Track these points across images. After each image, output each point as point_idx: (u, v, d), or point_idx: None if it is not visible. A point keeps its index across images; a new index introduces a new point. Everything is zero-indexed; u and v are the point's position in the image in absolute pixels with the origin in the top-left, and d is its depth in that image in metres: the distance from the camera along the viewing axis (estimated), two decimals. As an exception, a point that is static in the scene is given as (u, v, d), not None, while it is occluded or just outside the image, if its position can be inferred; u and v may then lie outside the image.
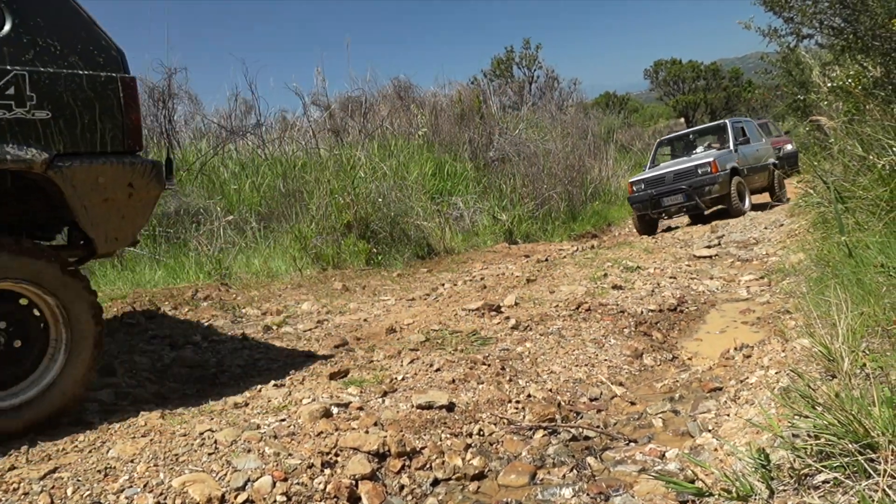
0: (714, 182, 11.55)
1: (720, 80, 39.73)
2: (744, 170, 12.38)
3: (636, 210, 12.34)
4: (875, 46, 4.74)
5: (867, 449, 1.70)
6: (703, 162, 11.79)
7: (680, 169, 12.02)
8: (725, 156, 12.17)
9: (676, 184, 11.88)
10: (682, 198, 11.77)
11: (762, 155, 13.69)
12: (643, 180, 12.30)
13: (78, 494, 2.16)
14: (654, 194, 11.99)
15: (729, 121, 13.55)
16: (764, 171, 13.47)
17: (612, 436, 2.89)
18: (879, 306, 2.72)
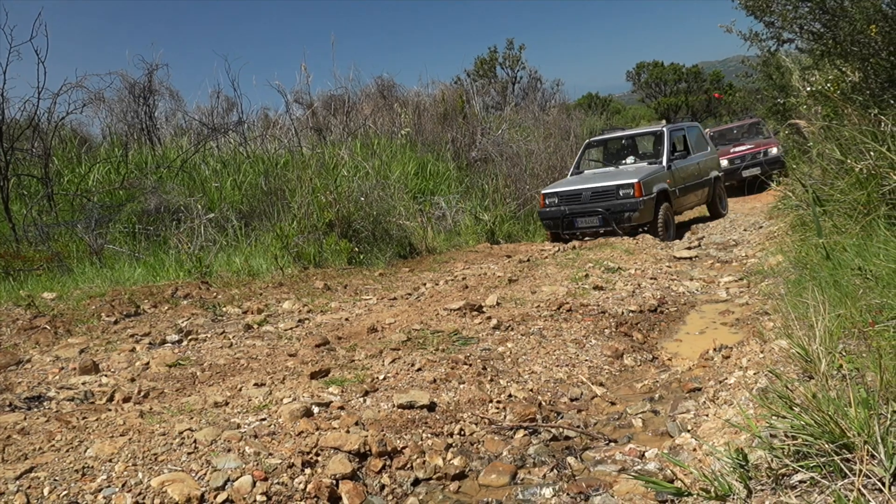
0: (635, 208, 9.77)
1: (701, 83, 40.08)
2: (676, 190, 10.67)
3: (546, 227, 10.67)
4: (854, 52, 4.80)
5: (843, 449, 1.72)
6: (626, 183, 9.96)
7: (598, 188, 10.19)
8: (654, 175, 10.30)
9: (593, 204, 10.14)
10: (597, 221, 10.09)
11: (703, 168, 12.04)
12: (557, 194, 10.47)
13: (55, 494, 2.14)
14: (566, 213, 10.23)
15: (667, 128, 11.57)
16: (703, 188, 11.86)
17: (593, 436, 2.91)
18: (856, 308, 2.76)
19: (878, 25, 4.40)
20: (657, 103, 40.13)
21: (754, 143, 16.54)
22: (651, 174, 10.19)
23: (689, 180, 11.34)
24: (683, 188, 11.03)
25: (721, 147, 16.89)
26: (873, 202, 4.05)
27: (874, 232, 3.65)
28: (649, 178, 10.05)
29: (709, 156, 12.56)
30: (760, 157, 15.76)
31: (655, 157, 11.17)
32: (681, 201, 10.98)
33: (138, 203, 8.77)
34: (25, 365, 3.88)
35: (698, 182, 11.69)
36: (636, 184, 9.74)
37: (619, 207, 9.87)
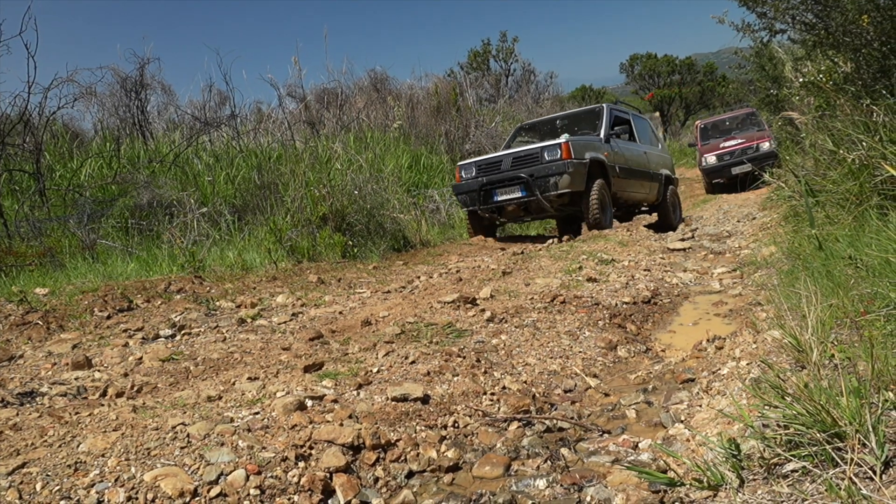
0: (562, 171, 8.44)
1: (695, 75, 40.14)
2: (616, 168, 9.46)
3: (462, 204, 9.40)
4: (846, 42, 4.80)
5: (835, 438, 1.72)
6: (552, 143, 8.67)
7: (521, 152, 8.96)
8: (587, 142, 9.11)
9: (514, 170, 8.82)
10: (519, 191, 8.78)
11: (652, 161, 10.89)
12: (475, 164, 9.28)
13: (47, 489, 2.13)
14: (483, 184, 8.94)
15: (607, 106, 10.39)
16: (650, 182, 10.67)
17: (586, 427, 2.91)
18: (848, 298, 2.76)
19: (869, 16, 4.41)
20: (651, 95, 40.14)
21: (745, 136, 15.63)
22: (583, 140, 9.02)
23: (632, 164, 10.10)
24: (625, 170, 9.75)
25: (712, 141, 16.19)
26: (865, 192, 4.06)
27: (866, 222, 3.66)
28: (581, 142, 8.87)
29: (660, 153, 11.51)
30: (751, 153, 14.88)
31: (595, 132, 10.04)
32: (622, 184, 9.60)
33: (131, 198, 8.74)
34: (18, 360, 3.87)
35: (644, 172, 10.49)
36: (563, 144, 8.52)
37: (544, 171, 8.53)
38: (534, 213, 9.16)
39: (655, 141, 11.77)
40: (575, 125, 10.71)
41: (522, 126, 11.50)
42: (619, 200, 9.77)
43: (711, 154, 15.64)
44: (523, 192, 8.71)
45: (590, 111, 10.72)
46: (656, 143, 11.73)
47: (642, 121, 11.59)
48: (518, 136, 11.24)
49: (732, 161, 15.20)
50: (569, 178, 8.45)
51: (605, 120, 9.88)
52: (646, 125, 11.65)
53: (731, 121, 17.22)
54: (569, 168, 8.43)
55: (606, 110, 10.11)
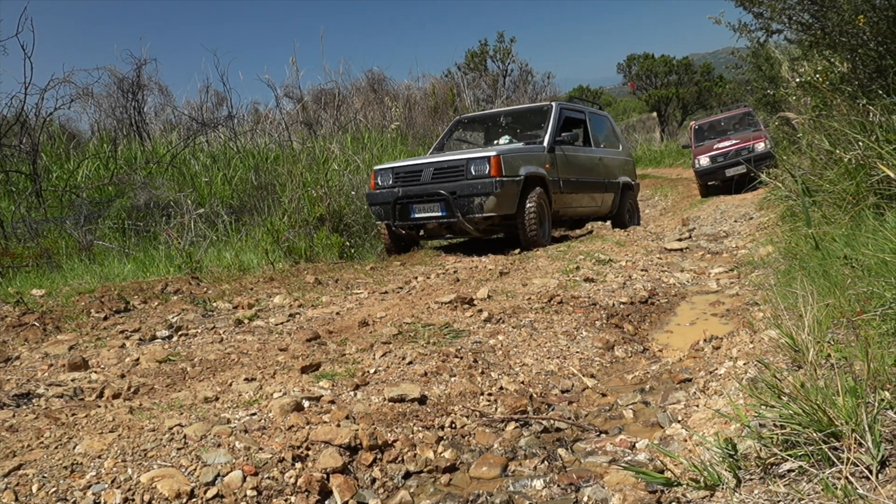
0: (488, 192, 7.21)
1: (692, 75, 40.19)
2: (559, 182, 8.28)
3: (376, 216, 8.06)
4: (842, 42, 4.81)
5: (831, 438, 1.73)
6: (479, 156, 7.40)
7: (444, 163, 7.62)
8: (524, 154, 7.86)
9: (435, 185, 7.51)
10: (439, 210, 7.48)
11: (608, 168, 9.67)
12: (392, 171, 7.90)
13: (43, 491, 2.13)
14: (400, 196, 7.62)
15: (557, 105, 9.01)
16: (604, 193, 9.49)
17: (584, 427, 2.91)
18: (844, 298, 2.77)
19: (866, 16, 4.41)
20: (648, 95, 40.22)
21: (740, 137, 15.05)
22: (519, 152, 7.79)
23: (582, 175, 8.86)
24: (572, 183, 8.56)
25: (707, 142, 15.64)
26: (862, 192, 4.07)
27: (863, 222, 3.67)
28: (515, 155, 7.63)
29: (619, 156, 10.23)
30: (746, 154, 14.24)
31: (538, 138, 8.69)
32: (566, 200, 8.45)
33: (127, 199, 8.73)
34: (14, 362, 3.86)
35: (596, 182, 9.23)
36: (493, 158, 7.20)
37: (468, 190, 7.25)
38: (458, 234, 7.95)
39: (615, 141, 10.46)
40: (520, 125, 9.60)
41: (462, 119, 10.04)
42: (562, 217, 8.73)
43: (705, 155, 15.02)
44: (443, 211, 7.39)
45: (537, 110, 9.30)
46: (616, 144, 10.42)
47: (601, 119, 10.26)
48: (456, 132, 9.99)
49: (726, 162, 14.61)
50: (495, 201, 7.19)
51: (552, 123, 8.51)
52: (604, 124, 10.33)
53: (726, 121, 16.56)
54: (497, 188, 7.16)
55: (555, 111, 8.69)
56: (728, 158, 14.58)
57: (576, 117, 9.44)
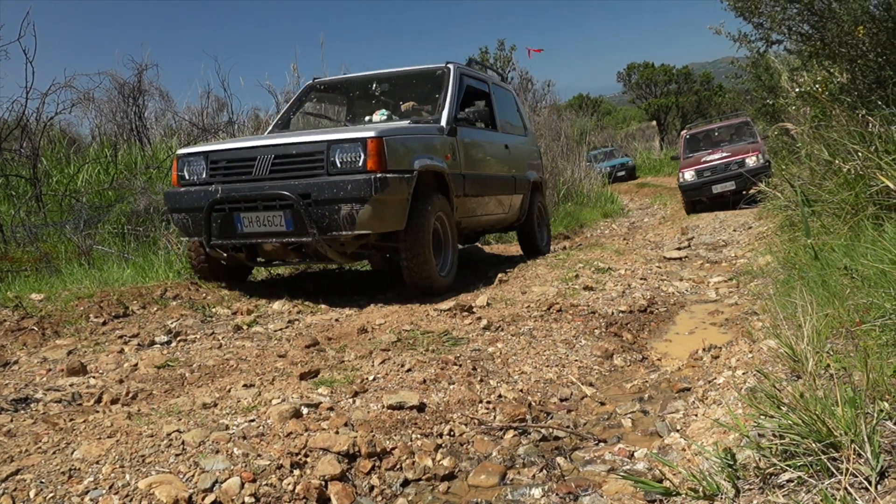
0: (363, 197, 4.69)
1: (692, 84, 40.34)
2: (464, 179, 5.87)
3: (180, 229, 5.42)
4: (842, 53, 4.83)
5: (830, 448, 1.73)
6: (347, 138, 4.87)
7: (290, 146, 5.01)
8: (419, 136, 5.44)
9: (275, 181, 4.90)
10: (282, 222, 4.86)
11: (516, 159, 7.30)
12: (206, 156, 5.22)
13: (41, 497, 2.12)
14: (218, 200, 4.97)
15: (455, 67, 6.32)
16: (511, 195, 7.10)
17: (582, 436, 2.91)
18: (844, 308, 2.77)
19: (865, 27, 4.44)
20: (647, 104, 40.34)
21: (731, 149, 13.59)
22: (411, 134, 5.29)
23: (489, 169, 6.54)
24: (479, 181, 6.17)
25: (696, 154, 14.14)
26: (861, 203, 4.08)
27: (862, 232, 3.68)
28: (405, 138, 5.13)
29: (527, 146, 7.93)
30: (735, 168, 12.80)
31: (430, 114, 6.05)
32: (469, 205, 6.03)
33: (127, 203, 8.73)
34: (12, 366, 3.86)
35: (506, 179, 6.90)
36: (371, 141, 4.68)
37: (331, 193, 4.66)
38: (313, 258, 5.24)
39: (521, 127, 8.02)
40: (402, 95, 6.64)
41: (316, 84, 6.89)
42: (462, 231, 6.26)
43: (690, 169, 13.43)
44: (289, 225, 4.76)
45: (428, 75, 6.47)
46: (523, 130, 8.01)
47: (505, 94, 7.76)
48: (307, 100, 7.03)
49: (714, 178, 13.02)
50: (373, 211, 4.64)
51: (451, 94, 5.94)
52: (509, 100, 7.82)
53: (720, 131, 15.09)
54: (376, 190, 4.60)
55: (453, 77, 6.07)
56: (716, 173, 13.07)
57: (478, 88, 6.76)
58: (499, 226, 7.43)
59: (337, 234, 4.81)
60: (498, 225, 7.37)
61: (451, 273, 5.62)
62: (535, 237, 7.82)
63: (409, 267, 5.12)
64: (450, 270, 5.61)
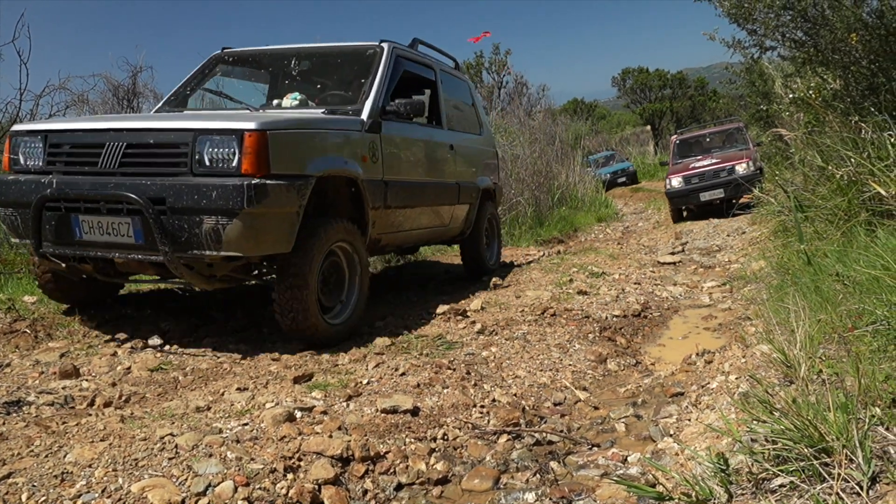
0: (231, 207, 3.47)
1: (686, 89, 40.46)
2: (384, 188, 4.68)
3: (7, 226, 4.21)
4: (835, 60, 4.86)
5: (822, 453, 1.73)
6: (222, 128, 3.63)
7: (146, 132, 3.80)
8: (322, 129, 4.21)
9: (123, 177, 3.68)
10: (129, 231, 3.67)
11: (464, 163, 6.12)
12: (45, 136, 4.00)
13: (33, 500, 2.12)
14: (49, 196, 3.75)
15: (389, 46, 5.13)
16: (454, 206, 5.89)
17: (576, 440, 2.91)
18: (836, 313, 2.78)
19: (858, 34, 4.46)
20: (642, 109, 40.45)
21: (722, 156, 13.09)
22: (308, 127, 4.10)
23: (425, 173, 5.39)
24: (406, 189, 4.98)
25: (686, 160, 13.75)
26: (854, 208, 4.10)
27: (854, 238, 3.70)
28: (300, 133, 3.98)
29: (479, 146, 6.71)
30: (724, 176, 12.30)
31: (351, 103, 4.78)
32: (394, 218, 4.90)
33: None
34: (5, 369, 3.84)
35: (445, 187, 5.68)
36: (249, 135, 3.58)
37: (190, 201, 3.53)
38: (171, 278, 4.16)
39: (475, 121, 6.79)
40: (326, 76, 5.46)
41: (225, 55, 5.65)
42: (384, 247, 5.17)
43: (677, 176, 12.95)
44: (138, 236, 3.67)
45: (358, 54, 5.20)
46: (476, 126, 6.76)
47: (458, 85, 6.52)
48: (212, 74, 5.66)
49: (702, 185, 12.50)
50: (243, 228, 3.53)
51: (380, 79, 4.79)
52: (462, 91, 6.60)
53: (711, 137, 14.59)
54: (252, 200, 3.50)
55: (386, 58, 4.93)
56: (704, 180, 12.55)
57: (421, 76, 5.70)
58: (435, 240, 6.41)
59: (199, 254, 3.60)
60: (434, 239, 6.29)
61: (350, 318, 4.25)
62: (481, 254, 6.56)
63: (282, 308, 3.81)
64: (349, 316, 4.25)
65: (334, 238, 4.07)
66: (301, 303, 3.83)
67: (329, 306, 4.19)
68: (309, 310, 3.87)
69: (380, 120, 4.70)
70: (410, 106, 4.84)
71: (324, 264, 4.05)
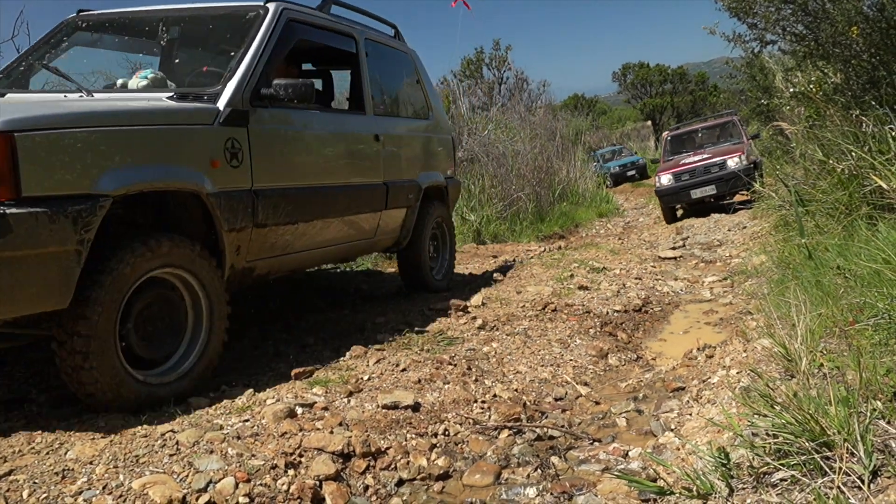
0: None
1: (687, 84, 40.40)
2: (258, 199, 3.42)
3: None
4: (835, 53, 4.85)
5: (823, 447, 1.73)
6: None
7: None
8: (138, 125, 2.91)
9: None
10: None
11: (393, 156, 4.85)
12: None
13: (34, 497, 2.12)
14: None
15: (277, 5, 3.85)
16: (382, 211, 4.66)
17: (577, 435, 2.91)
18: (837, 307, 2.78)
19: (859, 27, 4.45)
20: (643, 104, 40.39)
21: (713, 151, 12.48)
22: (98, 120, 2.76)
23: (327, 175, 4.17)
24: (294, 198, 3.75)
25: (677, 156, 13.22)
26: (855, 202, 4.10)
27: (855, 232, 3.69)
28: (76, 130, 2.62)
29: (425, 134, 5.48)
30: (715, 171, 11.66)
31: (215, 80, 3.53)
32: (275, 238, 3.67)
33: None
34: (5, 367, 3.84)
35: (364, 190, 4.48)
36: None
37: None
38: None
39: (423, 105, 5.59)
40: (194, 46, 4.48)
41: (78, 20, 4.39)
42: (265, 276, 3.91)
43: (667, 173, 12.30)
44: None
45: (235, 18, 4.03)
46: (425, 111, 5.59)
47: (395, 57, 5.29)
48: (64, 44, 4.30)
49: (692, 181, 11.83)
50: None
51: (255, 51, 3.62)
52: (399, 66, 5.38)
53: (704, 131, 13.96)
54: None
55: (269, 21, 3.79)
56: (695, 177, 11.88)
57: (334, 46, 4.54)
58: (355, 256, 5.17)
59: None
60: (354, 255, 5.05)
61: (190, 372, 3.12)
62: (423, 268, 5.34)
63: (68, 373, 2.75)
64: (188, 369, 3.12)
65: (145, 267, 2.85)
66: (93, 365, 2.68)
67: (154, 359, 3.02)
68: (108, 372, 2.73)
69: (248, 108, 3.44)
70: (293, 89, 3.55)
71: (140, 300, 2.92)
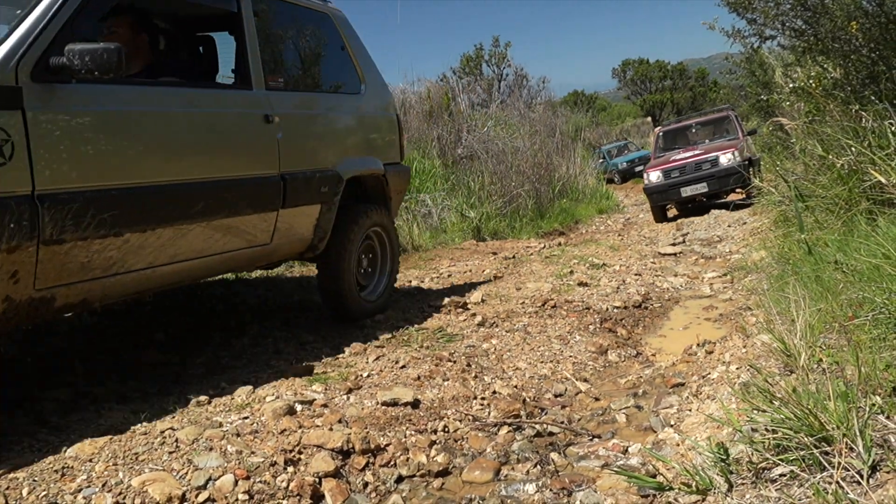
0: None
1: (686, 80, 40.38)
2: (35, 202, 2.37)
3: None
4: (835, 49, 4.83)
5: (822, 442, 1.73)
6: None
7: None
8: None
9: None
10: None
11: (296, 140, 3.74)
12: None
13: (34, 495, 2.12)
14: None
15: None
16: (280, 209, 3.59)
17: (576, 431, 2.91)
18: (837, 303, 2.78)
19: (858, 22, 4.44)
20: (642, 100, 40.38)
21: (706, 147, 12.03)
22: None
23: (189, 163, 3.09)
24: (120, 199, 2.71)
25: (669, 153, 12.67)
26: (854, 198, 4.09)
27: (855, 227, 3.69)
28: None
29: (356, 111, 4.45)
30: (707, 168, 11.15)
31: None
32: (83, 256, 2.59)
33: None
34: (6, 365, 3.84)
35: (247, 185, 3.40)
36: None
37: None
38: None
39: (352, 75, 4.55)
40: None
41: None
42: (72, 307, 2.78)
43: (656, 170, 11.70)
44: None
45: None
46: (355, 84, 4.54)
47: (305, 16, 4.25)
48: None
49: (682, 179, 11.26)
50: None
51: (46, 6, 2.53)
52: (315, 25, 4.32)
53: (698, 126, 13.39)
54: None
55: None
56: (685, 174, 11.30)
57: (199, 2, 3.76)
58: (246, 267, 4.13)
59: None
60: (242, 265, 3.96)
61: None
62: (345, 285, 4.15)
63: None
64: None
65: None
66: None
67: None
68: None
69: (20, 84, 2.42)
70: (91, 56, 2.50)
71: None
